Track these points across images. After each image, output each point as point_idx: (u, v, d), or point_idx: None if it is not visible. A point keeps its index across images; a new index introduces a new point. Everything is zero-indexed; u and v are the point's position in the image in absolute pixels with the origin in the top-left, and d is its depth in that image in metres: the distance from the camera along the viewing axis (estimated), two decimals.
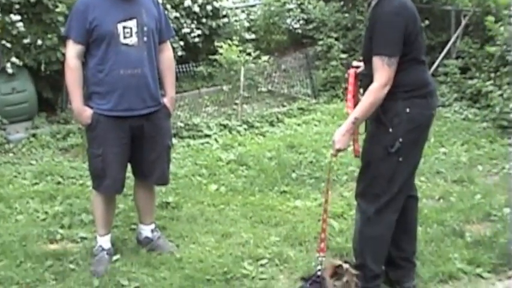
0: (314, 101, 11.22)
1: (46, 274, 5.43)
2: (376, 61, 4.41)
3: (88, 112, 5.33)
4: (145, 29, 5.33)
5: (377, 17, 4.53)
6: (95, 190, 5.65)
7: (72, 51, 5.29)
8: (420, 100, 4.56)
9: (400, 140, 4.49)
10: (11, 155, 8.65)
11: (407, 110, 4.49)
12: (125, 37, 5.26)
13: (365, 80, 4.66)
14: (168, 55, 5.73)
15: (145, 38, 5.34)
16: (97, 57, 5.29)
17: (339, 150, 4.54)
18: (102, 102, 5.33)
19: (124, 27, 5.25)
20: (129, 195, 6.43)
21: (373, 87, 4.40)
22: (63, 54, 5.75)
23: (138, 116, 5.41)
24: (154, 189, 5.95)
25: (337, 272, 4.26)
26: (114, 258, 5.65)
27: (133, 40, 5.29)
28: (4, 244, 5.90)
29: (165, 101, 5.63)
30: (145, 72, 5.36)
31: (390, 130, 4.51)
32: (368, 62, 4.55)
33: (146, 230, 5.87)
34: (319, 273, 4.39)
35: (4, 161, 8.35)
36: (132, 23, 5.28)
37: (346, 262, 4.38)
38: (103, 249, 5.65)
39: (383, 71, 4.38)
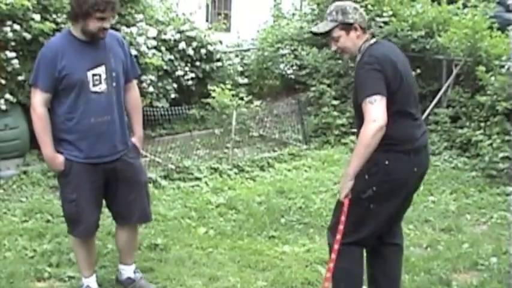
0: (305, 146, 11.28)
1: None
2: (363, 107, 4.48)
3: (60, 159, 5.29)
4: (113, 74, 5.29)
5: (357, 68, 4.69)
6: (70, 235, 5.66)
7: (39, 99, 5.20)
8: (402, 155, 4.63)
9: (374, 188, 4.58)
10: (1, 191, 8.64)
11: (386, 162, 4.57)
12: (94, 84, 5.20)
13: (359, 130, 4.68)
14: (134, 94, 5.70)
15: (114, 84, 5.30)
16: (66, 105, 5.22)
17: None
18: (72, 149, 5.30)
19: (93, 75, 5.19)
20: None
21: (362, 128, 4.46)
22: None
23: (110, 161, 5.40)
24: (136, 229, 5.92)
25: None
26: None
27: (102, 87, 5.24)
28: None
29: (134, 140, 5.63)
30: (114, 118, 5.34)
31: (366, 177, 4.58)
32: (357, 112, 4.66)
33: (128, 271, 5.83)
34: None
35: None
36: (101, 70, 5.23)
37: None
38: None
39: (367, 111, 4.43)
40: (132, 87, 5.69)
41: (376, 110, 4.41)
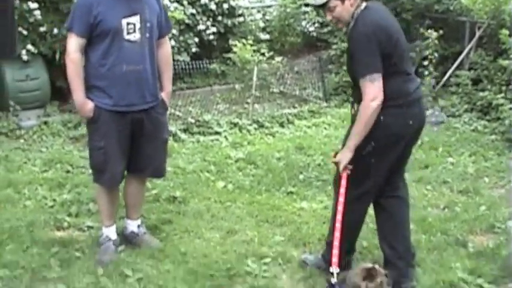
0: (325, 104, 11.24)
1: (52, 260, 5.49)
2: (361, 83, 4.66)
3: (90, 105, 5.36)
4: (148, 25, 5.36)
5: (351, 39, 4.81)
6: (95, 183, 5.71)
7: (74, 44, 5.28)
8: (395, 109, 4.75)
9: (372, 144, 4.74)
10: (21, 141, 8.71)
11: (381, 118, 4.69)
12: (128, 33, 5.28)
13: (355, 93, 4.91)
14: (166, 50, 5.77)
15: (147, 34, 5.37)
16: (99, 51, 5.30)
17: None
18: (102, 96, 5.36)
19: (128, 23, 5.27)
20: None
21: (362, 106, 4.66)
22: None
23: (138, 110, 5.46)
24: (145, 184, 5.99)
25: (369, 274, 4.30)
26: (120, 248, 5.71)
27: (136, 36, 5.31)
28: (11, 229, 5.96)
29: (163, 95, 5.68)
30: (146, 68, 5.40)
31: None
32: (353, 78, 4.89)
33: (132, 225, 5.89)
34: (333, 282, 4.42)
35: (15, 147, 8.41)
36: (136, 19, 5.30)
37: (374, 263, 4.43)
38: (109, 240, 5.71)
39: (367, 88, 4.61)
40: (165, 42, 5.75)
41: (375, 88, 4.60)
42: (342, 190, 4.77)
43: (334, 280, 4.39)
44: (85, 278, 5.22)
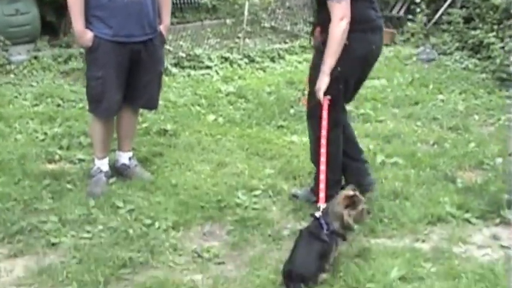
0: None
1: (43, 192, 5.52)
2: (329, 4, 4.69)
3: (89, 35, 5.35)
4: None
5: None
6: (91, 113, 5.72)
7: None
8: (360, 34, 4.81)
9: (339, 68, 4.75)
10: (12, 76, 8.70)
11: (346, 42, 4.72)
12: None
13: (320, 16, 4.92)
14: None
15: None
16: None
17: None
18: (102, 26, 5.35)
19: None
20: None
21: (331, 26, 4.68)
22: None
23: (137, 42, 5.45)
24: (137, 115, 6.01)
25: (352, 202, 4.35)
26: (111, 181, 5.75)
27: None
28: (3, 162, 5.99)
29: (161, 28, 5.68)
30: (147, 0, 5.39)
31: None
32: (318, 2, 4.91)
33: (124, 157, 5.92)
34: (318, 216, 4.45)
35: (5, 82, 8.40)
36: None
37: (355, 190, 4.48)
38: (101, 171, 5.74)
39: (335, 9, 4.66)
40: None
41: (343, 8, 4.64)
42: (324, 123, 4.79)
43: (318, 214, 4.43)
44: (76, 210, 5.24)
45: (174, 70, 9.05)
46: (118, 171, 5.89)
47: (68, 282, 4.35)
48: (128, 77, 5.56)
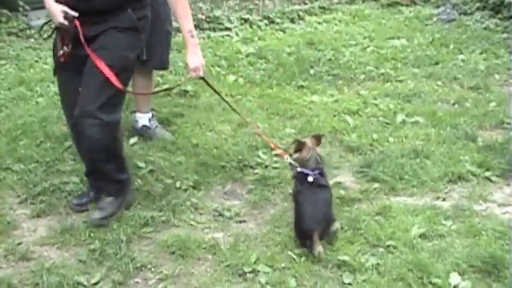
0: (336, 0, 11.14)
1: (65, 154, 5.56)
2: None
3: None
4: None
5: None
6: None
7: None
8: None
9: (142, 37, 4.53)
10: (32, 40, 8.71)
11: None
12: None
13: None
14: None
15: None
16: None
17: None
18: None
19: None
20: None
21: None
22: None
23: None
24: (152, 76, 5.97)
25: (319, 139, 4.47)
26: (132, 141, 5.78)
27: None
28: (25, 125, 6.02)
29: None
30: None
31: (142, 36, 4.52)
32: None
33: (144, 119, 5.94)
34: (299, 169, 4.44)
35: (25, 46, 8.42)
36: None
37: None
38: None
39: None
40: None
41: None
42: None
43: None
44: None
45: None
46: (139, 133, 5.91)
47: (90, 241, 4.39)
48: None
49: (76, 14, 4.25)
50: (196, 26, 9.07)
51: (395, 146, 5.68)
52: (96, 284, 4.04)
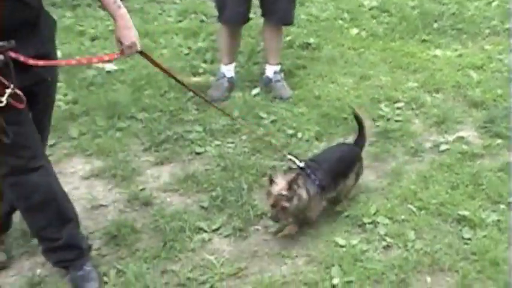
0: None
1: (188, 104, 5.71)
2: None
3: None
4: None
5: None
6: (218, 21, 5.91)
7: None
8: None
9: None
10: None
11: None
12: None
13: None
14: None
15: None
16: None
17: None
18: None
19: None
20: None
21: None
22: None
23: None
24: (279, 30, 5.97)
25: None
26: (254, 92, 5.88)
27: None
28: (149, 75, 6.16)
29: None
30: None
31: None
32: None
33: (269, 70, 5.99)
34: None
35: (149, 0, 8.56)
36: None
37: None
38: (224, 77, 5.93)
39: None
40: None
41: None
42: None
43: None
44: (221, 120, 5.39)
45: None
46: (263, 83, 5.98)
47: (212, 188, 4.53)
48: None
49: None
50: None
51: None
52: (216, 229, 4.17)
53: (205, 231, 4.15)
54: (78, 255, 3.78)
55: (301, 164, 4.07)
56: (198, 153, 5.01)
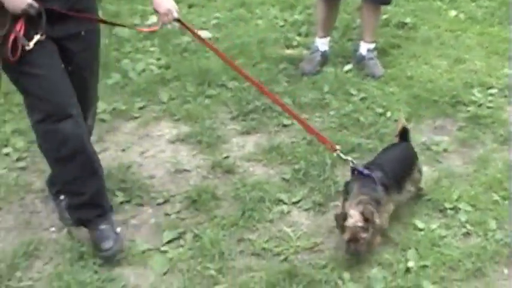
0: None
1: (279, 76, 5.74)
2: None
3: None
4: None
5: None
6: None
7: None
8: None
9: None
10: None
11: None
12: None
13: None
14: None
15: None
16: None
17: None
18: None
19: None
20: None
21: None
22: None
23: None
24: (378, 9, 5.91)
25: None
26: (346, 68, 5.86)
27: None
28: (243, 45, 6.22)
29: None
30: None
31: None
32: None
33: (362, 47, 5.94)
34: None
35: None
36: None
37: None
38: (317, 50, 5.90)
39: None
40: None
41: None
42: None
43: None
44: (310, 94, 5.42)
45: None
46: (356, 60, 5.96)
47: (295, 161, 4.56)
48: None
49: None
50: None
51: None
52: (296, 202, 4.20)
53: (285, 203, 4.18)
54: (100, 214, 3.85)
55: (366, 172, 3.87)
56: (284, 126, 5.05)
